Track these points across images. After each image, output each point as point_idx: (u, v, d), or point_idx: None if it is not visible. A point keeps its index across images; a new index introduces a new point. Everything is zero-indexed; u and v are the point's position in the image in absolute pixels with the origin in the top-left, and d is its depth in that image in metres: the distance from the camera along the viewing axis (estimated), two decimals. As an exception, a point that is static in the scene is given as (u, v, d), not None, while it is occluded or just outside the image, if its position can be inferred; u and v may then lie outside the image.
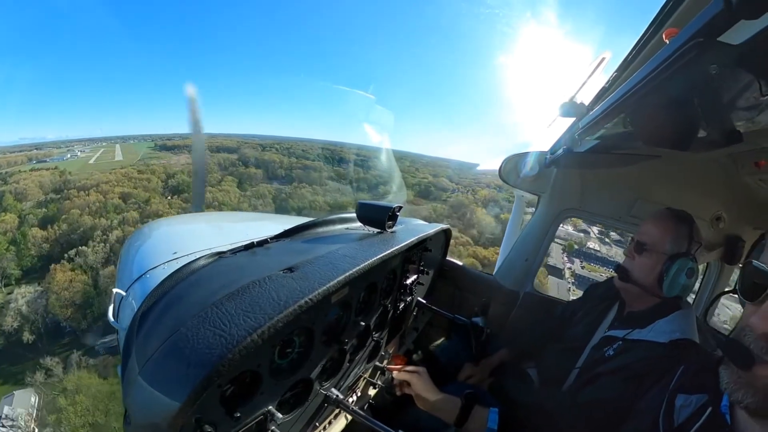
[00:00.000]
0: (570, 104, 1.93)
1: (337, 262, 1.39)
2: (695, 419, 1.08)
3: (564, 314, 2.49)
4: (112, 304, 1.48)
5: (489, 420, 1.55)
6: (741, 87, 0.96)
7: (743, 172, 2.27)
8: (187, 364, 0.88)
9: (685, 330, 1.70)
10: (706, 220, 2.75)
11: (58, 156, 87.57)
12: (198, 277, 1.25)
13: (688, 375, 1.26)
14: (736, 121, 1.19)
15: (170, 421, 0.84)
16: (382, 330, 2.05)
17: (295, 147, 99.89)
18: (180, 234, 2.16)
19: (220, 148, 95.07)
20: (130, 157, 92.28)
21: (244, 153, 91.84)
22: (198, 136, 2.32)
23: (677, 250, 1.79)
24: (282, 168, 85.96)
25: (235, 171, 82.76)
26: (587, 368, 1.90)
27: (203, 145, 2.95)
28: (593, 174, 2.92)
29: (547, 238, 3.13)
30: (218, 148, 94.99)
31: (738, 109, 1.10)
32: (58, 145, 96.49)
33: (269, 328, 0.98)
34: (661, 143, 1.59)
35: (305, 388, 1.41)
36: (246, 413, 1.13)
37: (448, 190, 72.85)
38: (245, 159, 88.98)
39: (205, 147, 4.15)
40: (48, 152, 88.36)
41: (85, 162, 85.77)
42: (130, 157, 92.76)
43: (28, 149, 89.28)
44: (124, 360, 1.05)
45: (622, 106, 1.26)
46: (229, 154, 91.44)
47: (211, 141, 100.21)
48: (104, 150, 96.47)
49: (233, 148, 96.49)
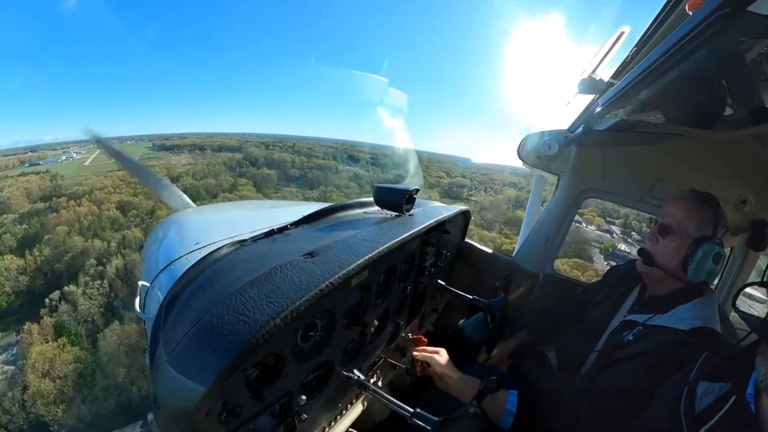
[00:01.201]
0: (589, 81, 1.88)
1: (356, 246, 1.41)
2: (718, 407, 1.07)
3: (584, 297, 2.47)
4: (139, 296, 1.54)
5: (508, 402, 1.57)
6: None
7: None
8: (213, 350, 0.91)
9: (707, 318, 1.66)
10: (731, 203, 2.66)
11: (52, 158, 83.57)
12: (221, 265, 1.28)
13: (711, 362, 1.24)
14: (766, 98, 1.13)
15: (198, 405, 0.88)
16: (402, 312, 2.07)
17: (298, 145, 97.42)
18: (201, 224, 2.20)
19: (222, 147, 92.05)
20: None
21: (250, 152, 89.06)
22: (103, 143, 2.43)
23: (702, 233, 1.74)
24: (295, 168, 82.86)
25: (247, 172, 79.61)
26: (606, 353, 1.88)
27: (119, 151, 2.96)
28: (614, 153, 2.85)
29: (568, 219, 3.08)
30: (220, 147, 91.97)
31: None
32: (54, 147, 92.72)
33: (291, 312, 1.00)
34: (684, 121, 1.53)
35: (328, 370, 1.44)
36: (270, 396, 1.16)
37: (465, 187, 71.57)
38: (253, 158, 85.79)
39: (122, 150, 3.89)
40: (42, 154, 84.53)
41: (80, 164, 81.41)
42: None
43: (22, 152, 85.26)
44: (152, 349, 1.10)
45: (643, 83, 1.21)
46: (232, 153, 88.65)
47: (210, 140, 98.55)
48: (101, 151, 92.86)
49: (235, 147, 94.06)
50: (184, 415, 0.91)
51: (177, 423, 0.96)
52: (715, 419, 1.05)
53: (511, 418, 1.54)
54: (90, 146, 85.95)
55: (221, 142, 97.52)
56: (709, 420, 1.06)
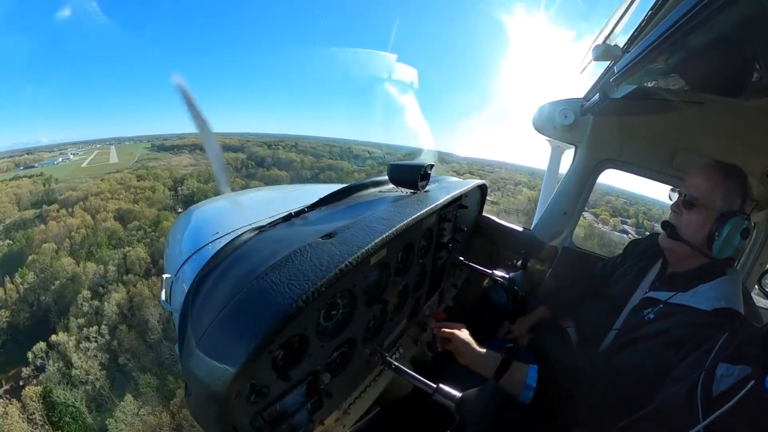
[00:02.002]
0: (604, 47, 1.80)
1: (374, 225, 1.42)
2: (736, 390, 1.05)
3: (604, 271, 2.45)
4: (164, 288, 1.58)
5: (528, 377, 1.57)
6: None
7: None
8: (239, 335, 0.94)
9: (730, 298, 1.62)
10: (756, 175, 2.55)
11: (48, 160, 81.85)
12: (242, 252, 1.30)
13: (732, 344, 1.22)
14: None
15: (228, 388, 0.92)
16: (421, 288, 2.09)
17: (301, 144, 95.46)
18: (220, 214, 2.23)
19: (223, 147, 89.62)
20: (126, 159, 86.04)
21: (254, 152, 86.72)
22: (201, 121, 2.37)
23: (729, 207, 1.68)
24: (305, 168, 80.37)
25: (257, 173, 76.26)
26: (626, 330, 1.87)
27: (210, 129, 2.93)
28: (632, 122, 2.76)
29: (586, 190, 3.04)
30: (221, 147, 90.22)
31: None
32: (51, 149, 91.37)
33: (313, 293, 1.02)
34: (708, 88, 1.46)
35: (351, 348, 1.48)
36: (296, 375, 1.20)
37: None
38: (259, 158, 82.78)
39: (213, 131, 3.99)
40: (38, 156, 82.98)
41: (77, 165, 79.24)
42: (126, 159, 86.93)
43: (19, 154, 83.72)
44: (181, 337, 1.13)
45: (662, 47, 1.15)
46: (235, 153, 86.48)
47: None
48: (98, 152, 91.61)
49: (237, 146, 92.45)
50: (215, 398, 0.95)
51: (209, 407, 0.99)
52: (731, 403, 1.03)
53: (531, 393, 1.55)
54: (86, 148, 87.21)
55: (223, 142, 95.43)
56: (725, 403, 1.05)
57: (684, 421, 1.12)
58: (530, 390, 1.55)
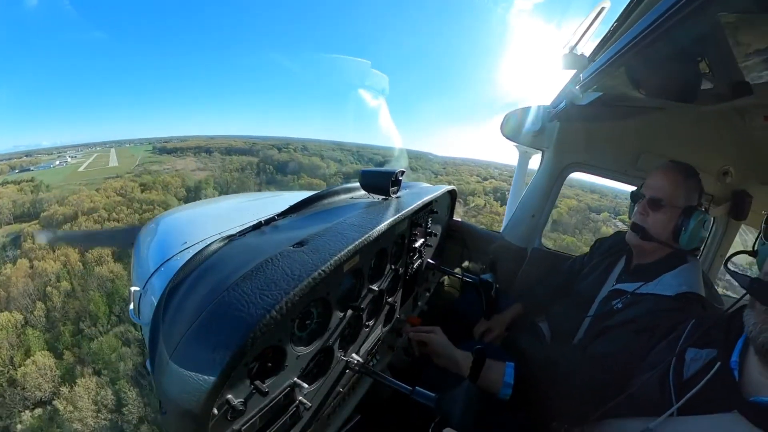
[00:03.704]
0: (570, 56, 1.87)
1: (346, 231, 1.42)
2: (704, 373, 1.11)
3: (572, 269, 2.53)
4: (132, 302, 1.52)
5: (506, 374, 1.60)
6: (752, 36, 0.91)
7: (752, 126, 2.21)
8: (212, 349, 0.92)
9: (692, 283, 1.72)
10: (713, 174, 2.73)
11: (44, 163, 76.73)
12: (212, 262, 1.27)
13: (699, 329, 1.28)
14: (745, 72, 1.14)
15: (203, 405, 0.88)
16: (395, 294, 2.09)
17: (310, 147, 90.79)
18: (188, 223, 2.17)
19: (230, 150, 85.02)
20: (126, 163, 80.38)
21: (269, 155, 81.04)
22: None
23: (690, 203, 1.80)
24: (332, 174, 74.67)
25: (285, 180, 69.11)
26: (596, 322, 1.93)
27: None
28: (597, 127, 2.87)
29: (553, 193, 3.12)
30: (228, 150, 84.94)
31: (748, 60, 1.06)
32: (50, 152, 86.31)
33: (286, 303, 1.01)
34: (664, 95, 1.54)
35: (327, 357, 1.46)
36: (273, 387, 1.17)
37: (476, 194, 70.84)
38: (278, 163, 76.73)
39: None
40: (35, 159, 78.00)
41: (74, 169, 73.53)
42: (126, 162, 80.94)
43: (18, 156, 78.60)
44: (152, 352, 1.09)
45: (623, 58, 1.22)
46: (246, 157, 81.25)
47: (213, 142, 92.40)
48: (98, 155, 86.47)
49: (245, 149, 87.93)
50: (190, 416, 0.91)
51: (185, 424, 0.95)
52: (699, 385, 1.09)
53: (509, 390, 1.58)
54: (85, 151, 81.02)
55: (229, 144, 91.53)
56: (695, 386, 1.10)
57: (658, 405, 1.17)
58: (508, 387, 1.59)
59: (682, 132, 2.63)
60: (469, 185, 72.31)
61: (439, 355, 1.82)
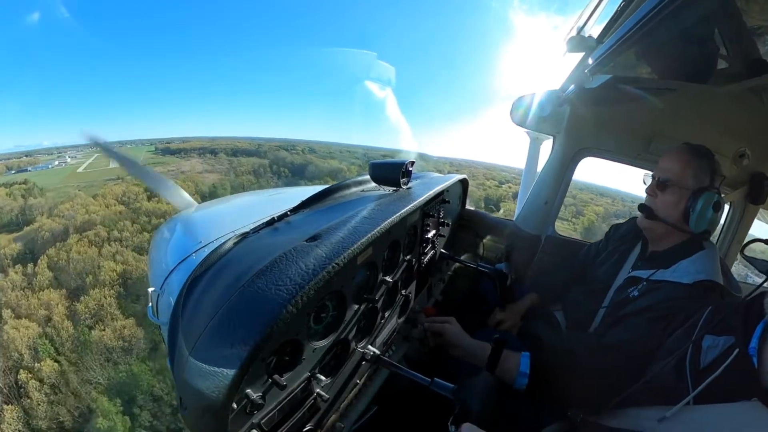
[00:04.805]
0: (578, 39, 1.84)
1: (358, 224, 1.42)
2: (722, 360, 1.09)
3: (587, 256, 2.51)
4: (150, 302, 1.54)
5: (521, 364, 1.60)
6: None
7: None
8: (231, 344, 0.93)
9: (709, 271, 1.69)
10: (729, 156, 2.66)
11: (42, 164, 75.67)
12: (227, 260, 1.28)
13: (716, 316, 1.26)
14: (762, 50, 1.10)
15: (223, 399, 0.90)
16: (410, 285, 2.10)
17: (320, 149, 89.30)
18: (202, 222, 2.19)
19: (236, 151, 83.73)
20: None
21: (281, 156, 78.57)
22: (127, 161, 2.35)
23: (700, 184, 1.77)
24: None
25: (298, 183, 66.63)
26: (613, 310, 1.92)
27: (138, 164, 2.76)
28: (608, 111, 2.82)
29: (565, 180, 3.09)
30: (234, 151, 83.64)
31: (764, 37, 1.02)
32: (50, 152, 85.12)
33: (302, 297, 1.01)
34: (677, 76, 1.51)
35: (344, 349, 1.47)
36: (291, 381, 1.19)
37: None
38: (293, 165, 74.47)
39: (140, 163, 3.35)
40: (34, 159, 76.86)
41: (73, 170, 72.30)
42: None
43: (17, 157, 77.85)
44: (171, 348, 1.10)
45: (634, 38, 1.18)
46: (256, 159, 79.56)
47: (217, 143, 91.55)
48: (98, 155, 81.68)
49: (252, 150, 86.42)
50: (210, 410, 0.93)
51: (205, 421, 0.98)
52: (717, 372, 1.07)
53: (525, 380, 1.58)
54: (86, 151, 79.32)
55: (234, 145, 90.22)
56: (712, 373, 1.08)
57: (675, 393, 1.15)
58: (524, 377, 1.59)
59: (697, 114, 2.55)
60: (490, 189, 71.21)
61: (453, 345, 1.83)
